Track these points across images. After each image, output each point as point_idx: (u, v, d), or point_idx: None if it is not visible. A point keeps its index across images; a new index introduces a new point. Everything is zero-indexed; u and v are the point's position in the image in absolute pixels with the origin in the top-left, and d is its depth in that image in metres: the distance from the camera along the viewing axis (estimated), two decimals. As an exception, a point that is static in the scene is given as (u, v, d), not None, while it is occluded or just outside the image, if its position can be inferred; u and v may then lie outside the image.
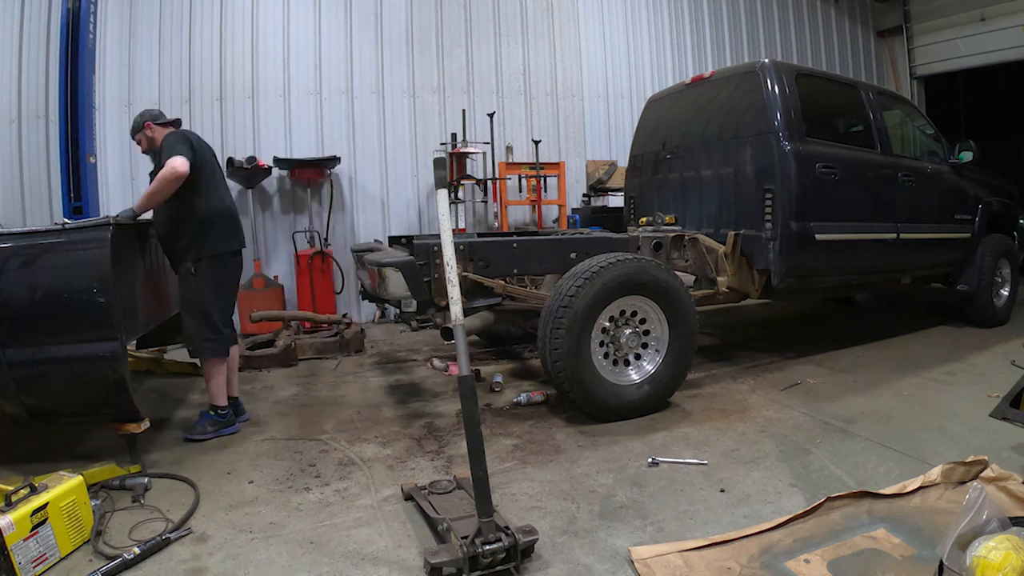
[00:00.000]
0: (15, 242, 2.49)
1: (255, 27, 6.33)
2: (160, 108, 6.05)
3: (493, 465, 2.72)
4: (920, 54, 8.95)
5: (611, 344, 3.42)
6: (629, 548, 2.07)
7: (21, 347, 2.44)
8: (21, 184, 5.79)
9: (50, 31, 5.66)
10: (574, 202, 7.39)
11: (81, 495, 2.24)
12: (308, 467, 2.89)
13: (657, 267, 3.46)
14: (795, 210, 3.96)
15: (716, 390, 3.90)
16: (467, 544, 1.91)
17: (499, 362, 4.79)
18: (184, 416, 3.69)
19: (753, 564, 1.97)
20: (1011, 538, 1.66)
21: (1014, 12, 7.63)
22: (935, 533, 2.06)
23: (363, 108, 6.66)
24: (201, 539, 2.25)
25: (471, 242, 3.79)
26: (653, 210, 4.97)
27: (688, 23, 8.02)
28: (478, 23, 7.11)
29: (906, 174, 4.68)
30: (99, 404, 2.66)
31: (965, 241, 5.21)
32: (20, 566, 1.98)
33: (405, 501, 2.50)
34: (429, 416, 3.57)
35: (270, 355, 4.82)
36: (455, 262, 2.21)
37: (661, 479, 2.65)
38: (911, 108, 5.42)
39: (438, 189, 2.39)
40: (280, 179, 6.46)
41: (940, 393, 3.71)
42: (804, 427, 3.22)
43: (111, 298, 2.46)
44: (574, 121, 7.54)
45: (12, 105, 5.73)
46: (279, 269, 6.40)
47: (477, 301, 3.74)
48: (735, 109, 4.39)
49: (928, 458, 2.74)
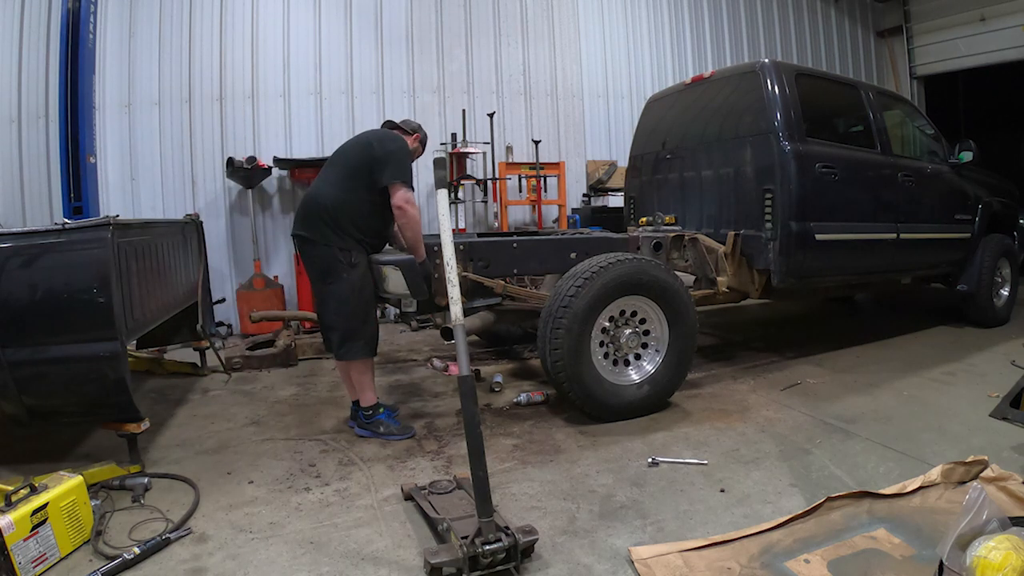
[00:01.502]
0: (15, 242, 2.48)
1: (255, 27, 6.33)
2: (160, 108, 6.18)
3: (493, 465, 2.72)
4: (920, 54, 8.95)
5: (611, 344, 3.42)
6: (629, 548, 2.07)
7: (21, 347, 2.44)
8: (21, 184, 5.78)
9: (50, 31, 5.65)
10: (574, 202, 7.39)
11: (81, 495, 2.24)
12: (308, 467, 2.89)
13: (657, 267, 3.46)
14: (795, 210, 3.95)
15: (716, 390, 3.90)
16: (467, 544, 1.91)
17: (499, 362, 4.79)
18: (185, 415, 3.69)
19: (753, 564, 1.97)
20: (1011, 538, 1.66)
21: (1014, 12, 7.63)
22: (935, 533, 2.06)
23: (363, 108, 6.66)
24: (201, 539, 2.25)
25: (471, 242, 3.79)
26: (653, 210, 4.97)
27: (688, 23, 8.02)
28: (478, 23, 7.11)
29: (906, 174, 4.68)
30: (99, 404, 2.66)
31: (965, 241, 5.21)
32: (20, 566, 1.98)
33: (405, 501, 2.50)
34: (429, 416, 3.57)
35: (270, 355, 4.81)
36: (455, 262, 2.21)
37: (661, 479, 2.65)
38: (911, 108, 5.42)
39: (438, 189, 2.39)
40: (280, 179, 6.45)
41: (940, 393, 3.71)
42: (804, 427, 3.22)
43: (111, 298, 2.46)
44: (574, 121, 7.54)
45: (12, 105, 5.73)
46: (279, 269, 6.40)
47: (477, 301, 3.73)
48: (735, 109, 4.39)
49: (928, 458, 2.74)
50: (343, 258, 3.16)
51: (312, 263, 3.24)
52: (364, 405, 3.28)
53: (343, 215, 3.15)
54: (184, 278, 4.09)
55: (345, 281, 3.16)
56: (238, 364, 4.66)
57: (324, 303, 3.26)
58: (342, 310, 3.18)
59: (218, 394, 4.15)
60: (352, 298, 3.17)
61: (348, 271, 3.16)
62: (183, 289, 4.04)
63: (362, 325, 3.22)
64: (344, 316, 3.19)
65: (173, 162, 6.15)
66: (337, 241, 3.15)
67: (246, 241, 6.26)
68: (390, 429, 3.24)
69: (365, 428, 3.26)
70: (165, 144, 6.13)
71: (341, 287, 3.17)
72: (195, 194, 6.21)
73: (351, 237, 3.17)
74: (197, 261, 4.53)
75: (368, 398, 3.27)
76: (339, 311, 3.19)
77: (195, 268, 4.45)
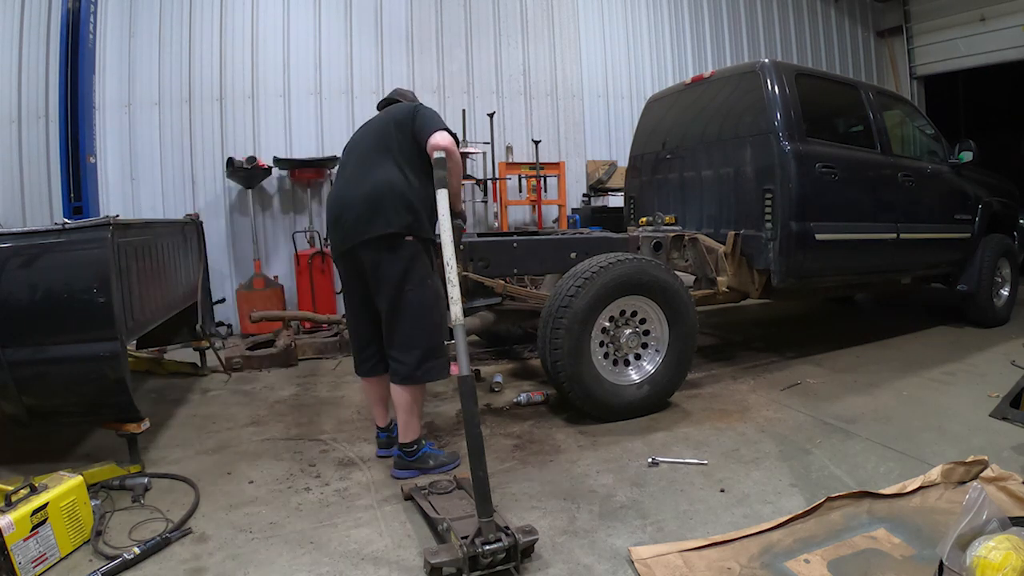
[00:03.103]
0: (15, 242, 2.48)
1: (255, 27, 6.33)
2: (160, 108, 6.18)
3: (493, 465, 2.71)
4: (920, 54, 8.94)
5: (611, 344, 3.41)
6: (629, 548, 2.07)
7: (21, 347, 2.44)
8: (21, 184, 5.78)
9: (50, 31, 5.65)
10: (574, 202, 7.38)
11: (81, 495, 2.24)
12: (308, 467, 2.89)
13: (657, 267, 3.46)
14: (795, 210, 3.95)
15: (716, 390, 3.90)
16: (467, 544, 1.91)
17: (499, 362, 4.79)
18: (185, 415, 3.69)
19: (753, 564, 1.97)
20: (1011, 538, 1.66)
21: (1014, 12, 7.63)
22: (935, 533, 2.06)
23: (363, 108, 6.65)
24: (201, 539, 2.25)
25: (471, 242, 3.79)
26: (653, 210, 4.97)
27: (688, 23, 8.02)
28: (478, 23, 7.11)
29: (906, 174, 4.68)
30: (99, 404, 2.66)
31: (965, 241, 5.21)
32: (20, 566, 1.98)
33: (405, 501, 2.50)
34: (429, 416, 3.57)
35: (270, 355, 4.81)
36: (455, 262, 2.22)
37: (661, 479, 2.65)
38: (911, 108, 5.42)
39: (438, 189, 2.39)
40: (280, 179, 6.45)
41: (940, 393, 3.71)
42: (804, 427, 3.22)
43: (111, 298, 2.46)
44: (574, 121, 7.54)
45: (12, 105, 5.73)
46: (279, 269, 6.40)
47: (477, 301, 3.74)
48: (735, 109, 4.39)
49: (928, 458, 2.74)
50: (428, 257, 2.69)
51: (388, 267, 2.61)
52: (407, 440, 2.73)
53: (417, 201, 2.63)
54: (184, 278, 4.09)
55: (430, 287, 2.66)
56: (238, 364, 4.66)
57: (399, 316, 2.64)
58: (425, 322, 2.66)
59: (218, 394, 4.15)
60: (438, 306, 2.68)
61: (432, 275, 2.68)
62: (183, 289, 4.04)
63: (444, 339, 2.74)
64: (428, 330, 2.66)
65: (173, 162, 6.15)
66: (421, 232, 2.63)
67: (246, 241, 6.26)
68: (440, 460, 2.78)
69: (410, 468, 2.73)
70: (165, 144, 6.13)
71: (426, 294, 2.64)
72: (195, 194, 6.20)
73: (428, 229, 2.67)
74: (197, 261, 4.54)
75: (415, 431, 2.74)
76: (421, 324, 2.65)
77: (195, 268, 4.46)
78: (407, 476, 2.71)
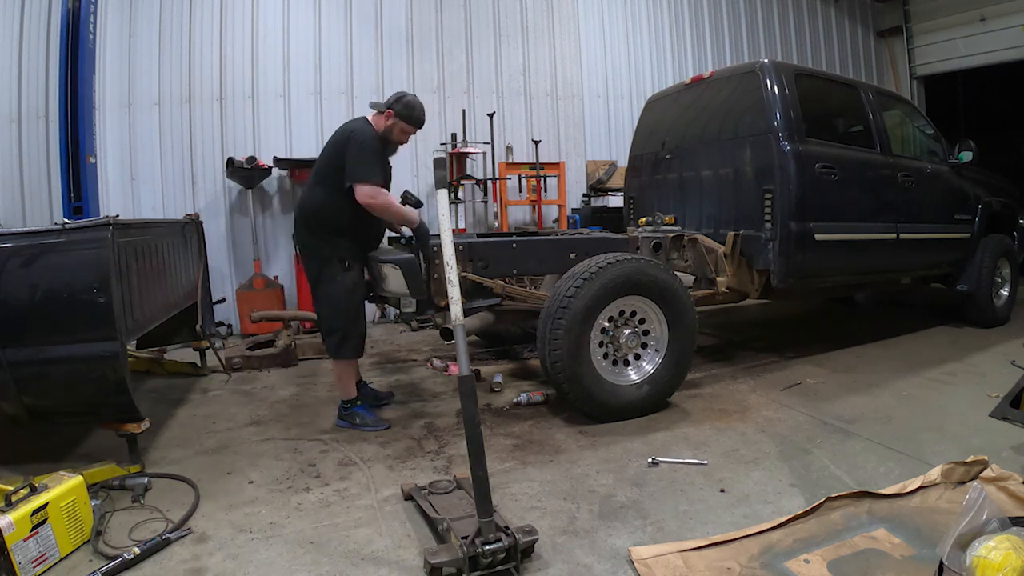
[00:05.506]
0: (15, 242, 2.48)
1: (255, 27, 6.33)
2: (160, 108, 6.18)
3: (493, 465, 2.72)
4: (920, 54, 8.95)
5: (610, 344, 3.41)
6: (629, 548, 2.08)
7: (21, 347, 2.44)
8: (21, 184, 5.78)
9: (50, 31, 5.65)
10: (574, 202, 7.39)
11: (81, 495, 2.24)
12: (308, 467, 2.89)
13: (656, 267, 3.46)
14: (795, 210, 3.95)
15: (716, 390, 3.90)
16: (467, 544, 1.91)
17: (499, 362, 4.79)
18: (185, 415, 3.69)
19: (753, 564, 1.97)
20: (1011, 538, 1.66)
21: (1014, 12, 7.63)
22: (935, 533, 2.06)
23: (363, 108, 6.58)
24: (201, 539, 2.25)
25: (471, 242, 3.79)
26: (653, 210, 4.96)
27: (688, 23, 8.02)
28: (478, 23, 7.11)
29: (906, 174, 4.68)
30: (99, 404, 2.66)
31: (965, 241, 5.21)
32: (20, 566, 1.98)
33: (405, 501, 2.50)
34: (429, 416, 3.57)
35: (270, 355, 4.82)
36: (455, 262, 2.22)
37: (661, 479, 2.65)
38: (911, 108, 5.42)
39: (438, 189, 2.40)
40: (280, 179, 6.45)
41: (940, 393, 3.71)
42: (804, 427, 3.22)
43: (111, 298, 2.46)
44: (574, 121, 7.54)
45: (12, 105, 5.72)
46: (279, 269, 6.40)
47: (477, 301, 3.73)
48: (735, 109, 4.39)
49: (928, 458, 2.74)
50: (336, 262, 3.28)
51: (307, 267, 3.41)
52: (344, 399, 3.46)
53: (327, 221, 3.26)
54: (184, 278, 4.09)
55: (339, 283, 3.29)
56: (238, 364, 4.66)
57: (320, 305, 3.40)
58: (337, 312, 3.32)
59: (218, 394, 4.15)
60: (345, 299, 3.31)
61: (341, 274, 3.29)
62: (183, 289, 4.04)
63: (354, 326, 3.36)
64: (340, 318, 3.32)
65: (173, 162, 6.15)
66: (325, 249, 3.28)
67: (246, 241, 6.26)
68: (365, 420, 3.40)
69: (343, 419, 3.44)
70: (165, 144, 6.12)
71: (334, 289, 3.30)
72: (195, 194, 6.20)
73: (339, 243, 3.28)
74: (197, 261, 4.54)
75: (349, 392, 3.46)
76: (335, 313, 3.33)
77: (195, 268, 4.46)
78: (341, 425, 3.43)
